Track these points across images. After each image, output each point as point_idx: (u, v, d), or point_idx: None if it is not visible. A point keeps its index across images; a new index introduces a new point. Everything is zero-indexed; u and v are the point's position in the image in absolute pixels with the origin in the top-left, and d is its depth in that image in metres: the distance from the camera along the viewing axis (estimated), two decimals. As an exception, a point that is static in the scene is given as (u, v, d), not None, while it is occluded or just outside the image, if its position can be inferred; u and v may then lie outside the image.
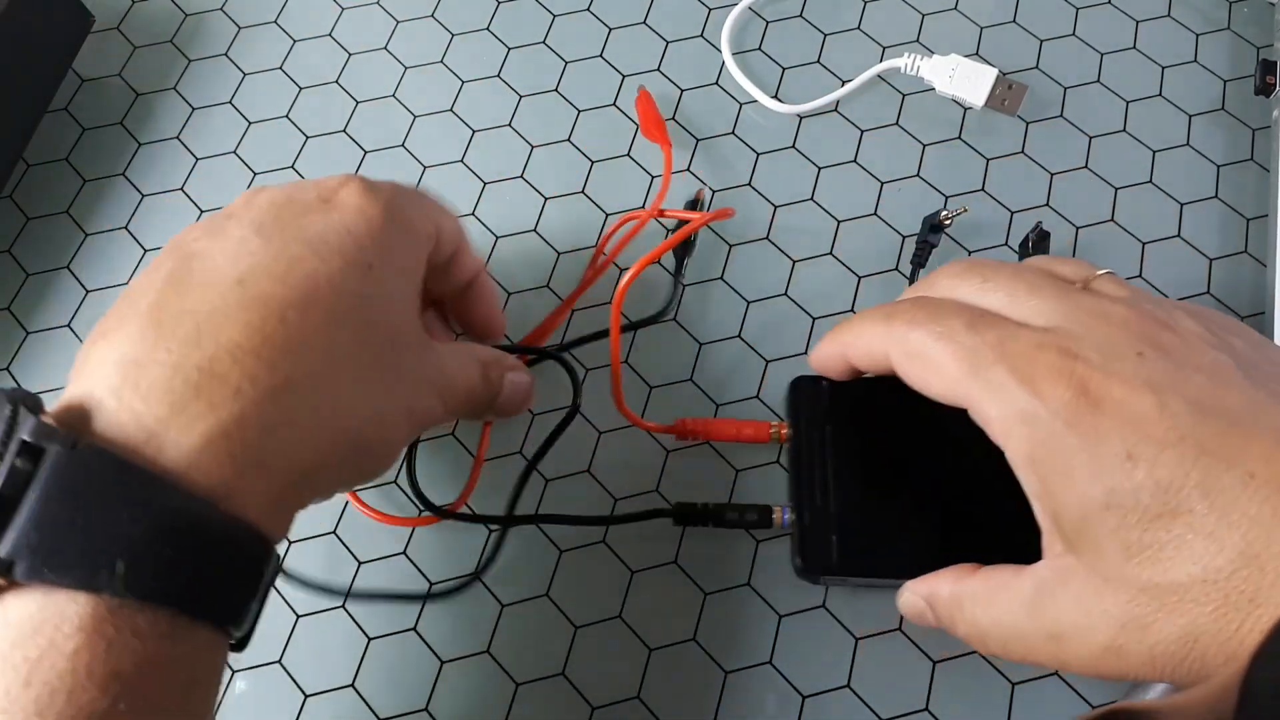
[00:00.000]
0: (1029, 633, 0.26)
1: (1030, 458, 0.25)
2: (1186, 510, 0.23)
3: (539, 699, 0.35)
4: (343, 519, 0.38)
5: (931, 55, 0.44)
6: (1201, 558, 0.23)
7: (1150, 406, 0.24)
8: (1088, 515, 0.24)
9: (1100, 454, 0.24)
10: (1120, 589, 0.24)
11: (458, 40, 0.47)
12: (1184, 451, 0.23)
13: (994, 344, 0.26)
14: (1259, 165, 0.43)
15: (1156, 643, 0.24)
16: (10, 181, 0.44)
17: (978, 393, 0.26)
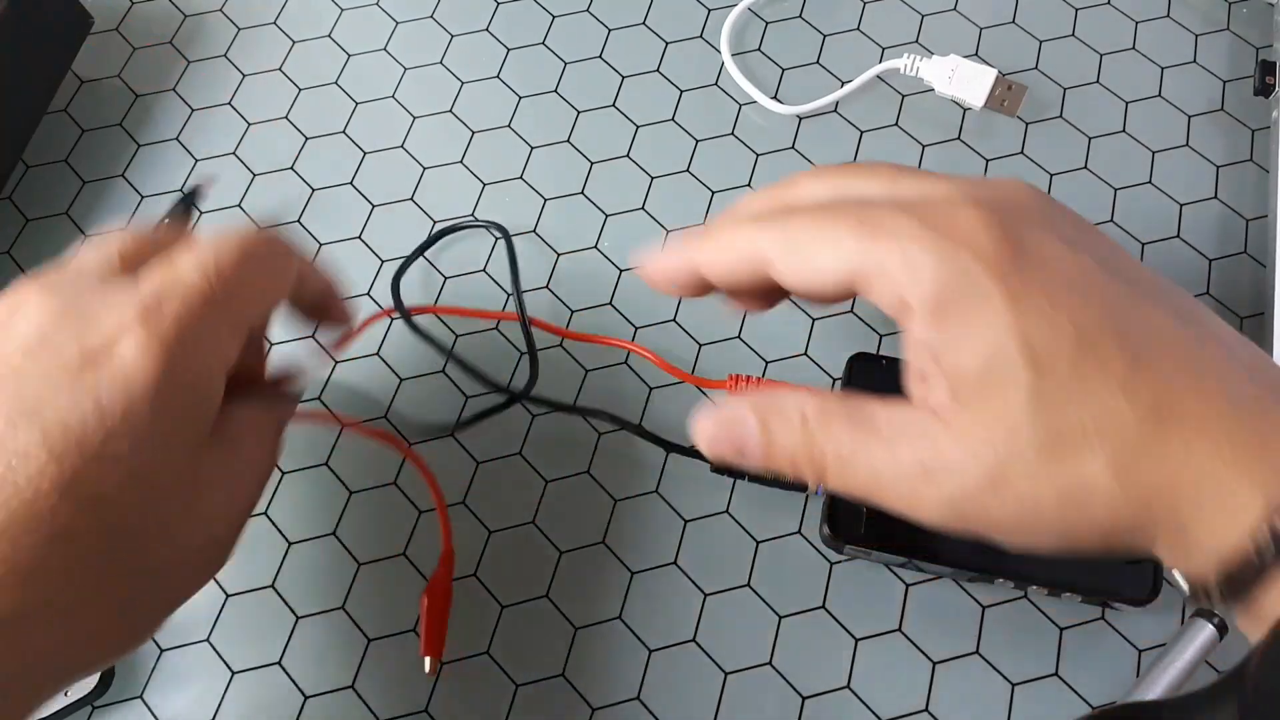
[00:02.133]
0: (892, 464, 0.24)
1: (938, 307, 0.24)
2: (1098, 356, 0.23)
3: (539, 700, 0.35)
4: (342, 521, 0.38)
5: (931, 56, 0.44)
6: (1107, 404, 0.22)
7: (1067, 255, 0.24)
8: (998, 361, 0.23)
9: (1023, 298, 0.23)
10: (1015, 433, 0.23)
11: (457, 41, 0.47)
12: (1097, 298, 0.23)
13: (903, 207, 0.25)
14: (1258, 166, 0.43)
15: (1041, 488, 0.23)
16: (10, 183, 0.44)
17: (881, 252, 0.24)
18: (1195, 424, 0.22)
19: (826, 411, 0.26)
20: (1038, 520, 0.23)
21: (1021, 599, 0.36)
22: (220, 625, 0.37)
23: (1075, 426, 0.22)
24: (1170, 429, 0.22)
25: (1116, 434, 0.22)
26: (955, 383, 0.24)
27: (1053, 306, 0.23)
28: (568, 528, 0.38)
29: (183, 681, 0.36)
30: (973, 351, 0.23)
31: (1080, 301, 0.23)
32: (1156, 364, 0.23)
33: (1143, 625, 0.36)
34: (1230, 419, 0.22)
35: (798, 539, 0.37)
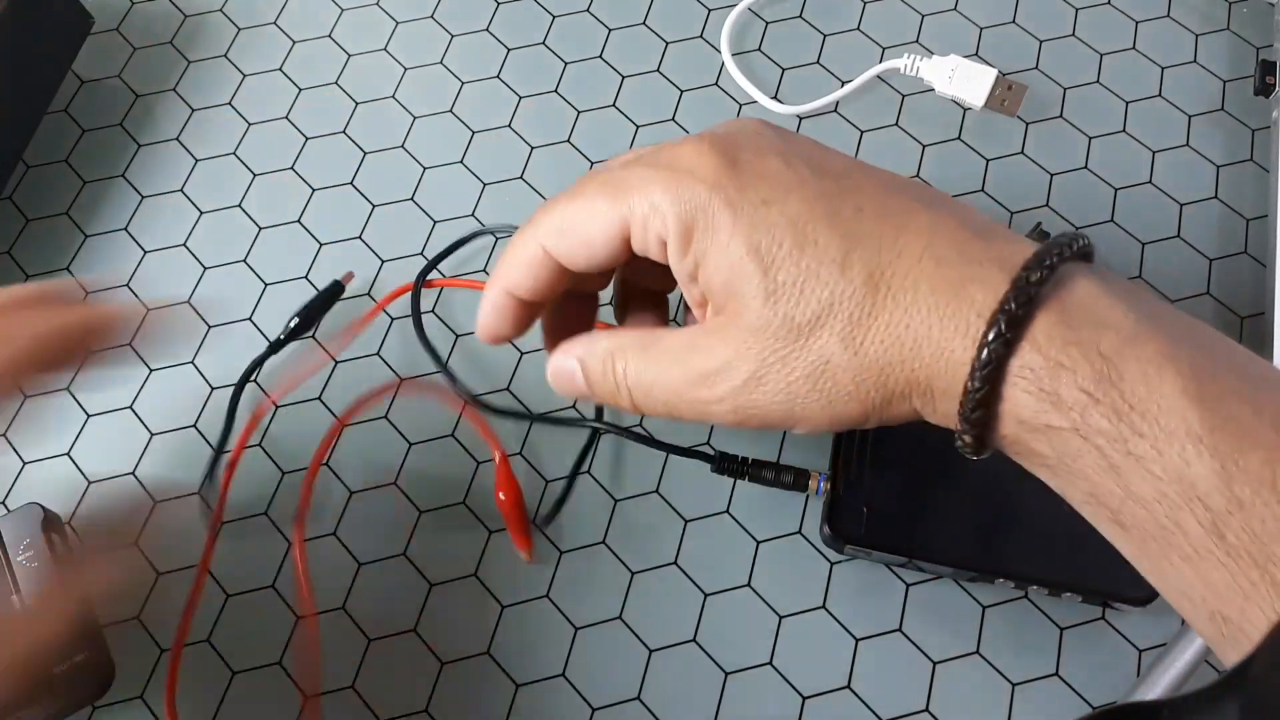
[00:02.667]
0: (680, 379, 0.27)
1: (683, 234, 0.26)
2: (812, 242, 0.25)
3: (539, 700, 0.35)
4: (342, 519, 0.38)
5: (931, 56, 0.44)
6: (828, 283, 0.25)
7: (779, 164, 0.26)
8: (734, 269, 0.26)
9: (741, 207, 0.26)
10: (762, 328, 0.26)
11: (457, 41, 0.47)
12: (807, 194, 0.26)
13: (640, 159, 0.28)
14: (1259, 165, 0.43)
15: (792, 370, 0.26)
16: (10, 183, 0.44)
17: (630, 204, 0.27)
18: (903, 285, 0.24)
19: (623, 346, 0.29)
20: (799, 404, 0.26)
21: (1021, 599, 0.36)
22: (220, 626, 0.37)
23: (806, 310, 0.25)
24: (883, 294, 0.25)
25: (840, 308, 0.25)
26: (712, 297, 0.27)
27: (767, 208, 0.26)
28: (568, 528, 0.38)
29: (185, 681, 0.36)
30: (716, 266, 0.26)
31: (792, 199, 0.26)
32: (866, 239, 0.25)
33: (1143, 625, 0.36)
34: (933, 274, 0.24)
35: (798, 539, 0.37)
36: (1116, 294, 0.24)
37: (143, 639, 0.36)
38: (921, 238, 0.25)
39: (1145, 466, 0.22)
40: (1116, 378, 0.22)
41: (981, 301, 0.24)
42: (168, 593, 0.37)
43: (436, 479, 0.39)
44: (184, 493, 0.38)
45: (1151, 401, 0.22)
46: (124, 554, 0.32)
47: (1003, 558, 0.35)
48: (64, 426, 0.40)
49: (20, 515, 0.36)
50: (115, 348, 0.29)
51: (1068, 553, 0.34)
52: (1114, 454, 0.23)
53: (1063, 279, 0.24)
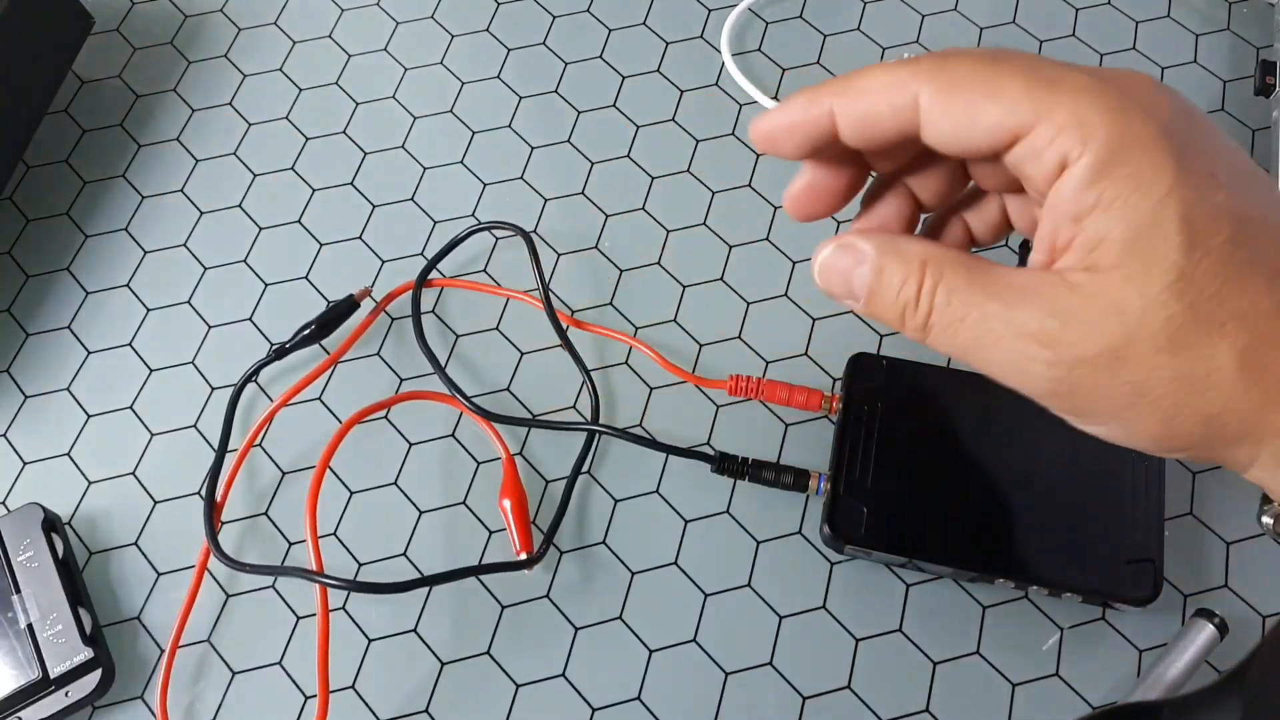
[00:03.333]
0: (1008, 325, 0.23)
1: (1103, 164, 0.22)
2: (1251, 250, 0.22)
3: (540, 700, 0.35)
4: (342, 520, 0.38)
5: (931, 56, 0.44)
6: (1250, 294, 0.22)
7: (1238, 151, 0.23)
8: (1154, 231, 0.22)
9: (1189, 169, 0.22)
10: (1152, 307, 0.22)
11: (457, 41, 0.47)
12: (1256, 190, 0.22)
13: (1077, 66, 0.23)
14: (1259, 166, 0.43)
15: (1162, 366, 0.22)
16: (10, 183, 0.44)
17: (1052, 103, 0.22)
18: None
19: (947, 260, 0.24)
20: (1145, 402, 0.22)
21: (1022, 599, 0.36)
22: (220, 626, 0.37)
23: (1214, 310, 0.22)
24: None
25: (1252, 324, 0.21)
26: (1096, 248, 0.23)
27: (1214, 187, 0.22)
28: (568, 528, 0.38)
29: (185, 681, 0.36)
30: (1126, 216, 0.22)
31: (1241, 185, 0.22)
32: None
33: (1143, 625, 0.36)
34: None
35: (798, 539, 0.37)
36: None
37: (143, 639, 0.36)
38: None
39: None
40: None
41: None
42: (168, 593, 0.37)
43: (436, 479, 0.39)
44: (184, 493, 0.38)
45: None
46: None
47: (1003, 558, 0.35)
48: (64, 426, 0.40)
49: (20, 515, 0.36)
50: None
51: (1068, 553, 0.34)
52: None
53: None
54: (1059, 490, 0.35)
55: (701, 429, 0.39)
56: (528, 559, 0.36)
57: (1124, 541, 0.34)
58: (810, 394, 0.38)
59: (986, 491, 0.36)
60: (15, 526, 0.36)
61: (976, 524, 0.35)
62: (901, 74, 0.23)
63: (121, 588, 0.37)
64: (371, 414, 0.39)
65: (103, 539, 0.38)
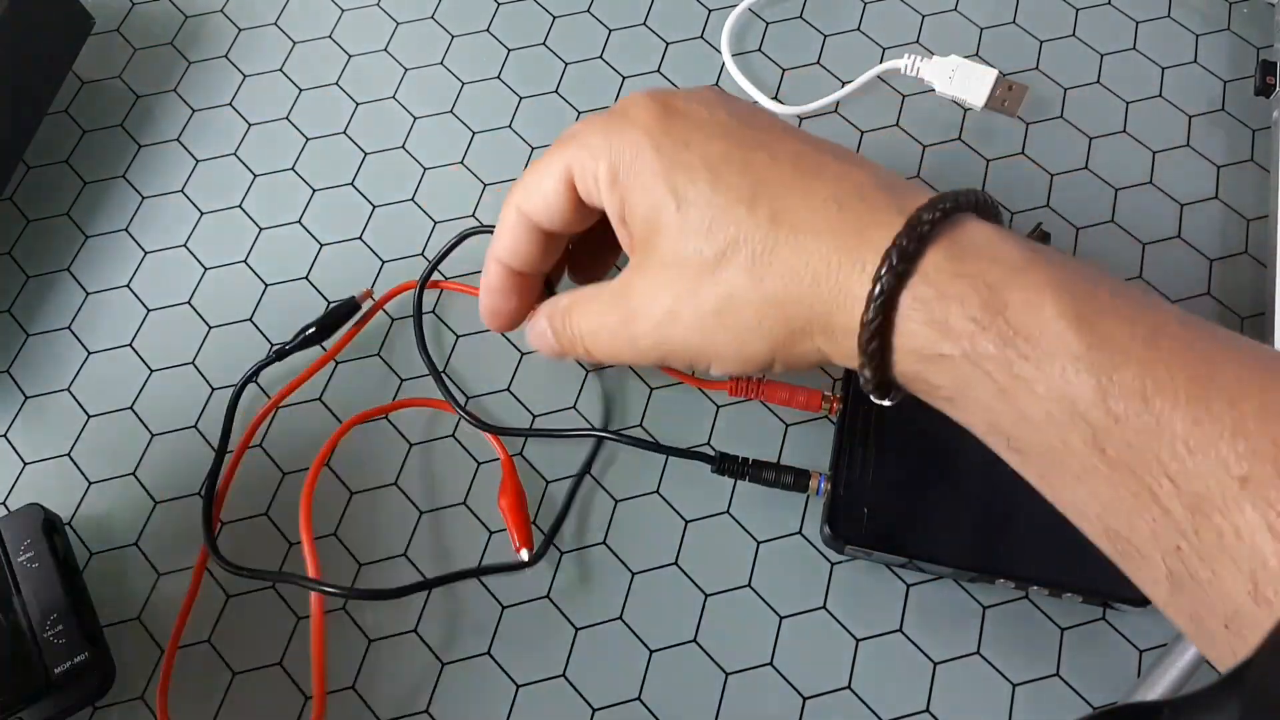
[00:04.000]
0: (613, 320, 0.30)
1: (613, 176, 0.28)
2: (725, 183, 0.27)
3: (540, 700, 0.35)
4: (342, 520, 0.38)
5: (931, 56, 0.44)
6: (735, 220, 0.26)
7: (705, 112, 0.28)
8: (654, 205, 0.27)
9: (664, 148, 0.27)
10: (675, 263, 0.27)
11: (458, 42, 0.47)
12: (727, 140, 0.28)
13: (591, 117, 0.30)
14: (1259, 166, 0.43)
15: (702, 303, 0.27)
16: (10, 184, 0.44)
17: (572, 152, 0.29)
18: (805, 226, 0.26)
19: (576, 299, 0.32)
20: (711, 339, 0.28)
21: (1022, 599, 0.36)
22: (220, 626, 0.37)
23: (714, 245, 0.27)
24: (785, 232, 0.26)
25: (745, 243, 0.26)
26: (635, 237, 0.29)
27: (688, 149, 0.27)
28: (568, 528, 0.38)
29: (185, 681, 0.36)
30: (638, 202, 0.28)
31: (714, 143, 0.27)
32: (774, 184, 0.27)
33: (1143, 625, 0.36)
34: (834, 217, 0.26)
35: (798, 539, 0.37)
36: (1008, 237, 0.25)
37: (143, 639, 0.36)
38: (828, 186, 0.26)
39: (1031, 388, 0.23)
40: (1001, 305, 0.23)
41: (878, 241, 0.25)
42: (168, 593, 0.37)
43: (436, 479, 0.39)
44: (184, 493, 0.38)
45: (1034, 326, 0.23)
46: None
47: (1003, 558, 0.35)
48: (64, 427, 0.40)
49: (20, 515, 0.36)
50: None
51: (1068, 553, 0.34)
52: (1002, 378, 0.23)
53: (958, 223, 0.25)
54: None
55: (701, 429, 0.39)
56: (529, 558, 0.36)
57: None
58: (810, 394, 0.38)
59: (987, 491, 0.36)
60: (15, 527, 0.36)
61: (977, 524, 0.35)
62: (506, 206, 0.32)
63: (121, 588, 0.37)
64: (369, 418, 0.39)
65: (103, 539, 0.38)
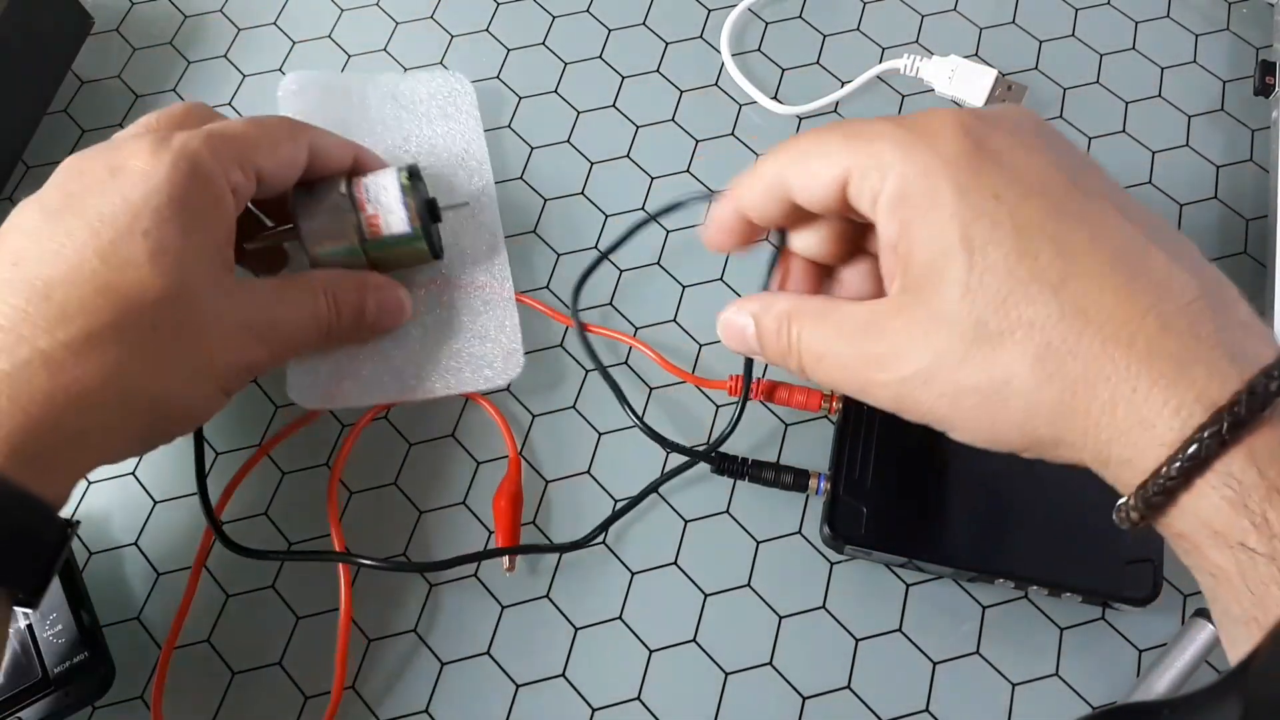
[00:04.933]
0: (851, 355, 0.27)
1: (898, 199, 0.25)
2: (1033, 256, 0.23)
3: (540, 700, 0.35)
4: (342, 520, 0.38)
5: (931, 56, 0.44)
6: (1036, 302, 0.23)
7: (1027, 160, 0.25)
8: (942, 251, 0.24)
9: (970, 192, 0.24)
10: (948, 323, 0.24)
11: (457, 41, 0.47)
12: (1045, 203, 0.24)
13: (890, 118, 0.27)
14: (1258, 166, 0.43)
15: (965, 378, 0.24)
16: (10, 183, 0.44)
17: (859, 153, 0.26)
18: (1118, 331, 0.22)
19: (801, 310, 0.28)
20: (963, 412, 0.25)
21: (1021, 599, 0.36)
22: (220, 626, 0.37)
23: (1002, 320, 0.23)
24: (1092, 333, 0.23)
25: (1040, 332, 0.23)
26: (906, 274, 0.26)
27: (997, 203, 0.24)
28: (568, 528, 0.38)
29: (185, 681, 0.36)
30: (921, 243, 0.25)
31: (1026, 200, 0.24)
32: (1092, 269, 0.23)
33: (1143, 625, 0.36)
34: (1154, 337, 0.22)
35: (798, 539, 0.37)
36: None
37: (143, 639, 0.36)
38: (1151, 293, 0.23)
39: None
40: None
41: (1203, 387, 0.22)
42: (168, 593, 0.37)
43: (436, 479, 0.39)
44: (184, 493, 0.38)
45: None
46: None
47: (1003, 558, 0.35)
48: (64, 427, 0.40)
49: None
50: None
51: (1068, 553, 0.34)
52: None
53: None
54: (1059, 490, 0.35)
55: (701, 429, 0.39)
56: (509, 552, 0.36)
57: (1123, 541, 0.34)
58: (810, 394, 0.38)
59: (986, 491, 0.36)
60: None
61: (976, 524, 0.35)
62: (769, 162, 0.29)
63: (121, 588, 0.37)
64: (377, 414, 0.39)
65: (103, 539, 0.38)
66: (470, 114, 0.43)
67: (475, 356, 0.38)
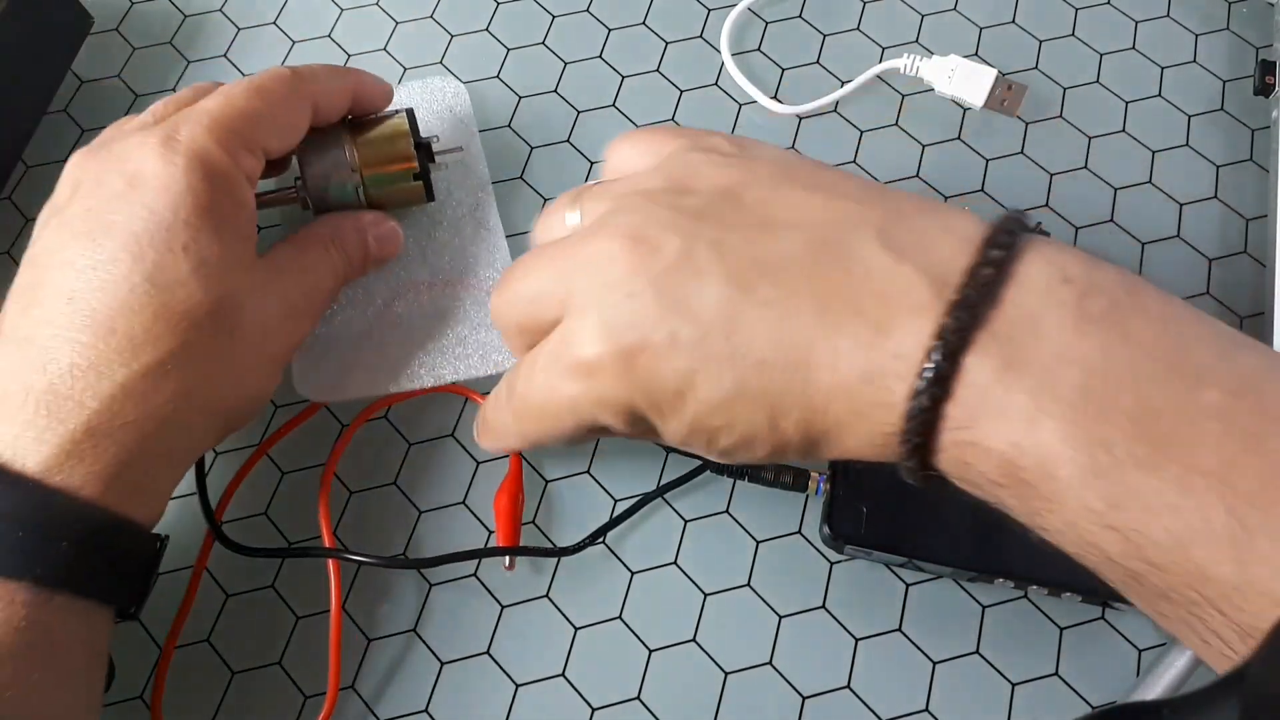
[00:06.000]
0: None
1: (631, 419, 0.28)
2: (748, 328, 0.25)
3: (540, 700, 0.35)
4: (342, 520, 0.38)
5: (931, 56, 0.44)
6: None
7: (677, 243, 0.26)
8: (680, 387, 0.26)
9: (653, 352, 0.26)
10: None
11: (457, 41, 0.47)
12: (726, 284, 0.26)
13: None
14: (1258, 165, 0.43)
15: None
16: (10, 183, 0.44)
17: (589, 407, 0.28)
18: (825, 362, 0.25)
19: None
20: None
21: (1021, 599, 0.36)
22: (220, 626, 0.37)
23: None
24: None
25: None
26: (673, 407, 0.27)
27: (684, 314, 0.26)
28: (567, 528, 0.38)
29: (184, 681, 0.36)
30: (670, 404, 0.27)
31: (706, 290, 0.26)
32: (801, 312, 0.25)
33: (1143, 625, 0.36)
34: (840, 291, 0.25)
35: (798, 539, 0.37)
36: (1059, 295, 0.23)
37: (143, 639, 0.36)
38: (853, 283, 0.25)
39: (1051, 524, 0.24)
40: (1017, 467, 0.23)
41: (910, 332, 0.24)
42: (167, 593, 0.37)
43: (436, 479, 0.39)
44: (184, 493, 0.38)
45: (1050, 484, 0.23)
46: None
47: (1002, 558, 0.35)
48: (64, 426, 0.40)
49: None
50: None
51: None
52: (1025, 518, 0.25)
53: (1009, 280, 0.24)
54: None
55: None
56: (509, 564, 0.36)
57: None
58: None
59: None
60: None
61: (976, 523, 0.35)
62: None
63: (121, 588, 0.37)
64: (373, 413, 0.39)
65: (102, 539, 0.38)
66: (464, 116, 0.43)
67: (483, 343, 0.38)
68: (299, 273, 0.35)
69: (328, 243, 0.36)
